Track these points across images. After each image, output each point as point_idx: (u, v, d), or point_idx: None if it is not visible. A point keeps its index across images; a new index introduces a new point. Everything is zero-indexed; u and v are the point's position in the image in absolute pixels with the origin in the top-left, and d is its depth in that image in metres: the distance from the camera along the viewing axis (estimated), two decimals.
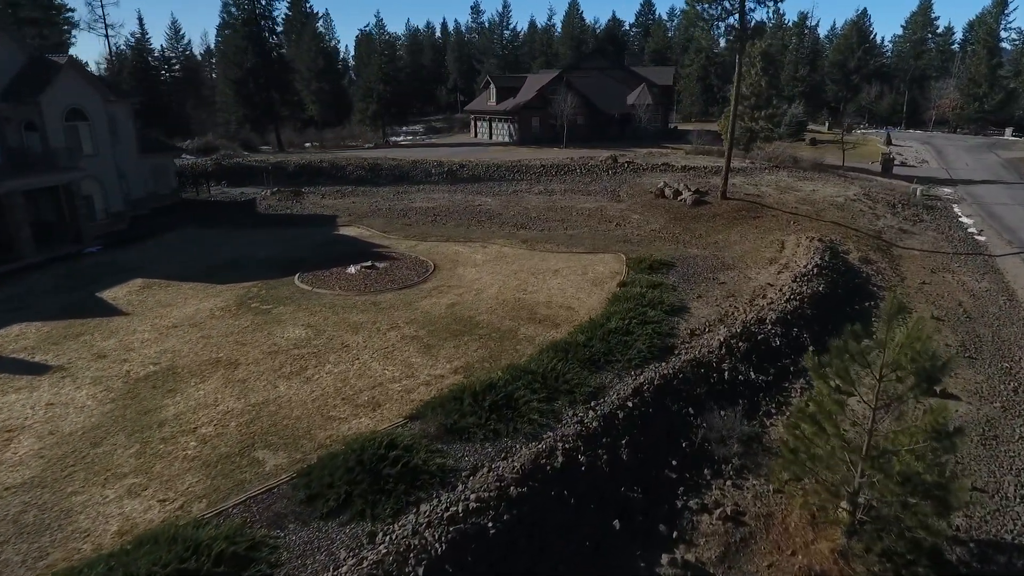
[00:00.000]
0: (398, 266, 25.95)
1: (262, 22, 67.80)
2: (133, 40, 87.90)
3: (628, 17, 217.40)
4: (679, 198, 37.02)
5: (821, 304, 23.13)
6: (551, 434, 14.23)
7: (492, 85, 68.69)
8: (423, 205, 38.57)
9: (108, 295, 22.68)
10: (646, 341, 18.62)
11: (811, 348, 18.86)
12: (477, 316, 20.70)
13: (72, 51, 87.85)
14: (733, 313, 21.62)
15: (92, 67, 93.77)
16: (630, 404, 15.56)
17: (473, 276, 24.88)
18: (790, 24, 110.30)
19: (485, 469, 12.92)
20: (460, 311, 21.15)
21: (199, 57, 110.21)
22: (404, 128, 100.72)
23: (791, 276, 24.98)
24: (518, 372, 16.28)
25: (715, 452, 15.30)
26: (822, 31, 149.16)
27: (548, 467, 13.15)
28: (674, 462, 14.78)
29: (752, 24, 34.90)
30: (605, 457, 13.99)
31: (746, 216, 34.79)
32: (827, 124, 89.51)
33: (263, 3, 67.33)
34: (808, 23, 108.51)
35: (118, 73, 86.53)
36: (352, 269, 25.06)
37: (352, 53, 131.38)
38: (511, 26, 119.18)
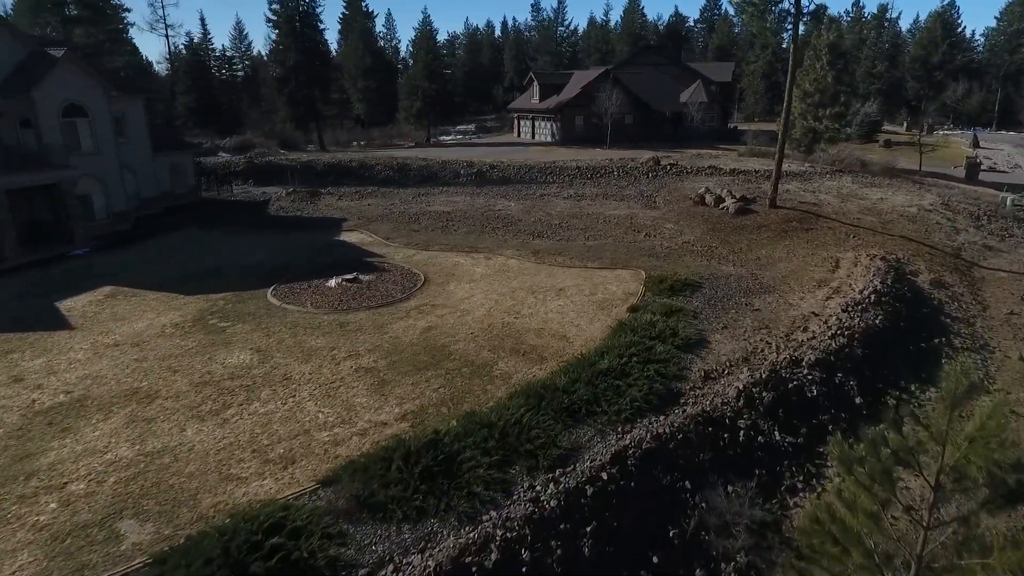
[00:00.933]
0: (385, 279, 23.28)
1: (304, 19, 66.95)
2: (189, 40, 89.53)
3: (692, 13, 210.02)
4: (721, 206, 32.94)
5: (876, 341, 18.98)
6: (493, 515, 11.11)
7: (535, 82, 65.57)
8: (440, 209, 35.91)
9: (66, 305, 20.96)
10: (644, 386, 15.18)
11: (842, 427, 15.01)
12: (452, 344, 17.74)
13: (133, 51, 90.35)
14: (762, 350, 17.83)
15: (156, 67, 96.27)
16: (606, 475, 12.24)
17: (464, 293, 21.93)
18: (868, 17, 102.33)
19: (390, 567, 9.94)
20: (435, 337, 18.23)
21: (264, 57, 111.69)
22: (457, 127, 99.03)
23: (842, 304, 20.85)
24: (474, 424, 13.23)
25: (714, 545, 11.81)
26: (904, 24, 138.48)
27: (475, 567, 10.05)
28: (655, 559, 11.38)
29: (811, 7, 30.42)
30: (559, 552, 10.76)
31: (797, 228, 30.42)
32: (904, 124, 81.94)
33: (306, 0, 66.49)
34: (888, 15, 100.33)
35: (174, 73, 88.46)
36: (332, 282, 22.56)
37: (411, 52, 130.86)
38: (566, 23, 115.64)
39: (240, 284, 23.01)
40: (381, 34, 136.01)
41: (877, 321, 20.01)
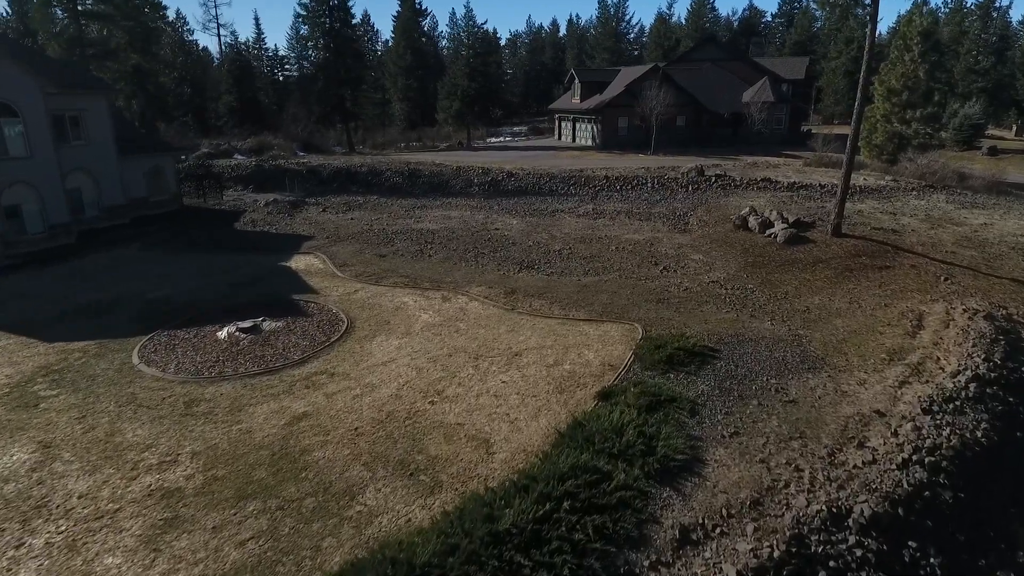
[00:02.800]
0: (295, 328, 17.97)
1: (335, 13, 63.23)
2: (233, 39, 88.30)
3: (770, 7, 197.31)
4: (767, 232, 25.90)
5: (978, 472, 12.08)
6: None
7: (576, 80, 59.28)
8: (427, 227, 30.46)
9: None
10: (561, 571, 9.10)
11: None
12: (317, 450, 12.18)
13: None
14: (788, 485, 11.34)
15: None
16: None
17: (384, 355, 16.34)
18: (971, 5, 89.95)
19: None
20: (300, 435, 12.72)
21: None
22: (514, 128, 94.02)
23: (923, 397, 13.97)
24: None
25: None
26: (1015, 14, 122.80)
27: None
28: None
29: None
30: None
31: (866, 265, 23.14)
32: (1014, 128, 70.39)
33: None
34: (996, 4, 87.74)
35: (218, 71, 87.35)
36: (224, 332, 17.44)
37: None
38: (628, 18, 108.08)
39: (121, 327, 18.29)
40: (444, 33, 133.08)
41: (979, 433, 13.05)
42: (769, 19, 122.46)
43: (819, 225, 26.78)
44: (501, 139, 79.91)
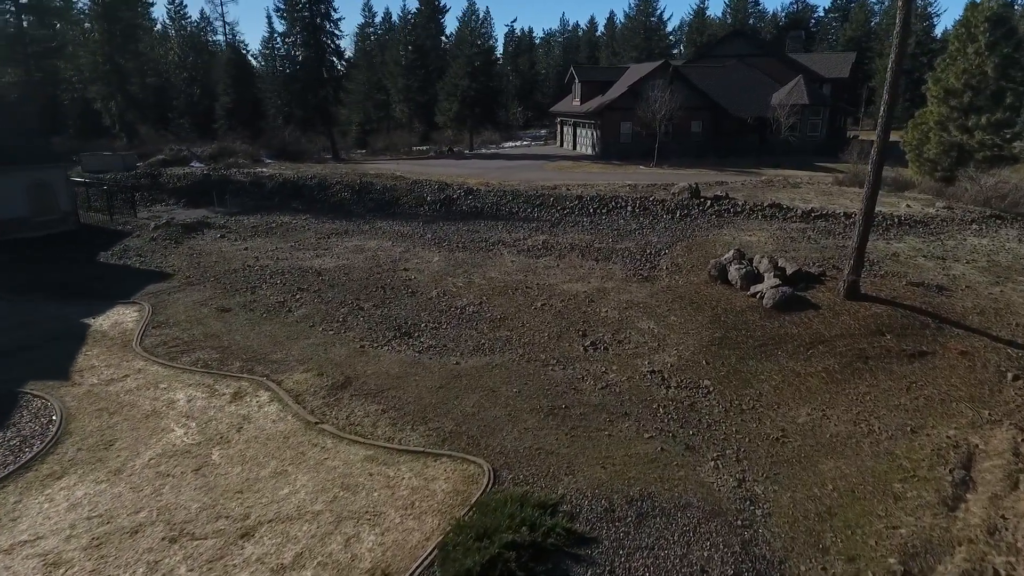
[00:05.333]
0: None
1: (315, 6, 57.65)
2: (231, 37, 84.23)
3: (823, 0, 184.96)
4: (753, 290, 18.29)
5: None
6: None
7: (576, 80, 51.98)
8: (324, 263, 24.00)
9: None
10: None
11: None
12: None
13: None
14: None
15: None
16: None
17: (39, 521, 9.95)
18: None
19: None
20: None
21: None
22: (540, 131, 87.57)
23: None
24: None
25: None
26: None
27: None
28: None
29: None
30: None
31: (891, 350, 15.43)
32: None
33: None
34: None
35: (205, 71, 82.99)
36: None
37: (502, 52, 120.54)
38: (658, 13, 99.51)
39: None
40: (480, 32, 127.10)
41: None
42: (821, 14, 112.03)
43: (830, 279, 19.03)
44: (519, 143, 73.29)
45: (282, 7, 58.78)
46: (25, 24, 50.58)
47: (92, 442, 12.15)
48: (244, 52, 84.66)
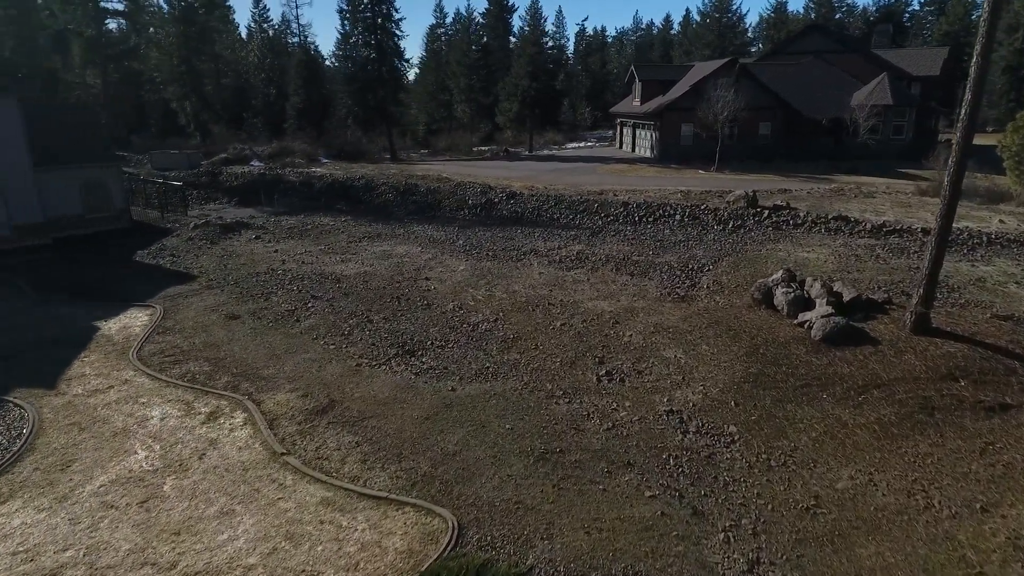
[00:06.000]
0: None
1: (378, 7, 57.77)
2: (302, 39, 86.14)
3: None
4: (801, 318, 15.94)
5: None
6: None
7: (636, 79, 49.58)
8: (348, 269, 23.21)
9: None
10: None
11: None
12: None
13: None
14: None
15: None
16: None
17: None
18: None
19: None
20: None
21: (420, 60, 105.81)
22: (596, 133, 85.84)
23: None
24: None
25: None
26: None
27: None
28: None
29: None
30: None
31: (964, 401, 12.84)
32: None
33: None
34: None
35: (281, 72, 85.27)
36: None
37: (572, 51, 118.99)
38: (734, 9, 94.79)
39: None
40: (550, 32, 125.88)
41: None
42: (916, 7, 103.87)
43: (896, 308, 16.40)
44: (582, 144, 71.58)
45: (345, 8, 59.26)
46: (114, 27, 52.93)
47: (51, 462, 11.50)
48: (314, 53, 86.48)
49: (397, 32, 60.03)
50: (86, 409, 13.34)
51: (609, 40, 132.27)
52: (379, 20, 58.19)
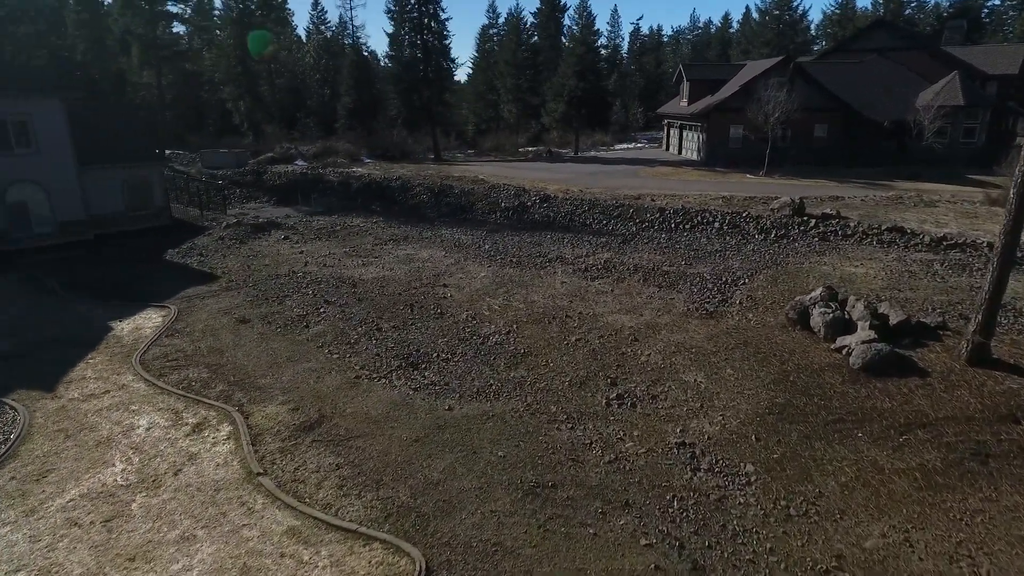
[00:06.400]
0: None
1: (424, 7, 57.65)
2: (353, 39, 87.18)
3: None
4: (839, 343, 14.37)
5: None
6: None
7: (684, 78, 47.70)
8: (368, 273, 22.73)
9: None
10: None
11: None
12: None
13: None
14: None
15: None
16: None
17: None
18: None
19: None
20: None
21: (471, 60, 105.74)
22: (648, 134, 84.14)
23: None
24: None
25: None
26: None
27: None
28: None
29: None
30: None
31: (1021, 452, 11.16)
32: None
33: None
34: None
35: (335, 72, 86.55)
36: None
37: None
38: (795, 6, 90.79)
39: None
40: (605, 31, 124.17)
41: None
42: (998, 1, 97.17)
43: (951, 334, 14.62)
44: (632, 145, 70.02)
45: (393, 8, 59.42)
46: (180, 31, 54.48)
47: (29, 471, 11.23)
48: (367, 54, 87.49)
49: (444, 32, 59.86)
50: (77, 415, 13.10)
51: (665, 39, 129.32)
52: (425, 20, 58.10)
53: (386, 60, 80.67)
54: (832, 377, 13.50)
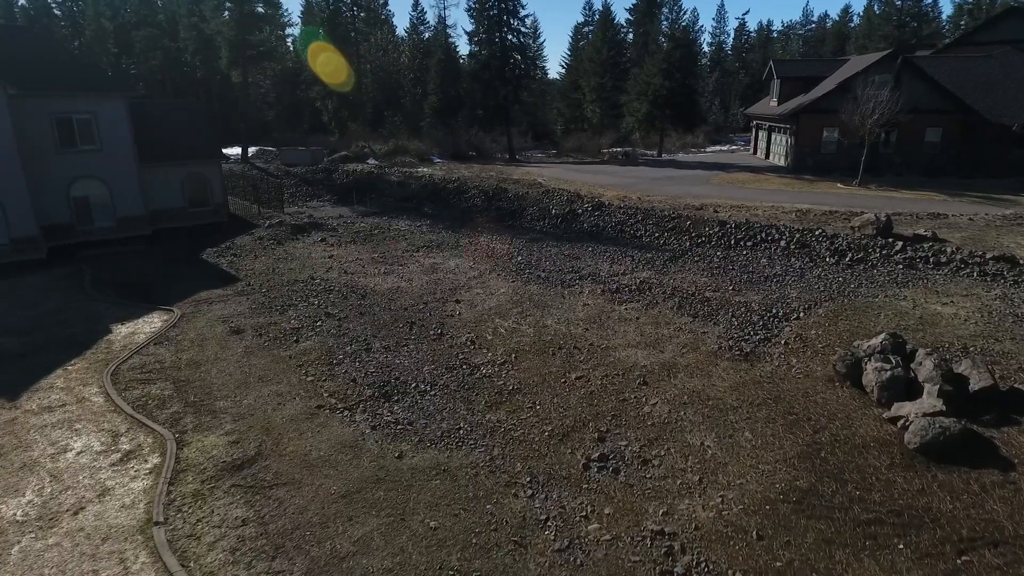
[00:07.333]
0: None
1: (503, 3, 56.27)
2: (444, 36, 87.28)
3: None
4: (895, 410, 11.22)
5: None
6: None
7: (775, 76, 43.28)
8: (385, 283, 21.42)
9: None
10: None
11: None
12: None
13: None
14: None
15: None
16: None
17: None
18: None
19: None
20: None
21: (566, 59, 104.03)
22: (745, 136, 79.00)
23: None
24: None
25: None
26: None
27: None
28: None
29: None
30: None
31: None
32: None
33: None
34: None
35: (426, 71, 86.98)
36: None
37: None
38: None
39: None
40: (709, 28, 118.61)
41: None
42: None
43: None
44: (725, 147, 65.75)
45: (473, 5, 58.49)
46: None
47: None
48: (455, 53, 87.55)
49: (522, 29, 58.29)
50: (21, 430, 12.46)
51: (775, 35, 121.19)
52: (505, 17, 56.72)
53: (467, 59, 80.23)
54: (877, 458, 10.50)
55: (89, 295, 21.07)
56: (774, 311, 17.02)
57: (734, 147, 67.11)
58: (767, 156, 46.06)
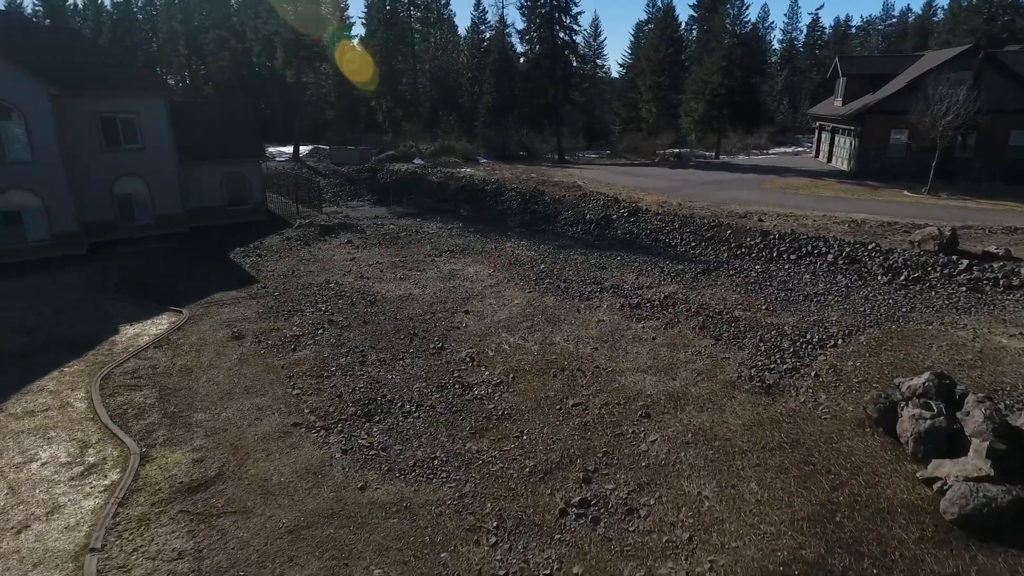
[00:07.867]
0: None
1: (556, 0, 54.97)
2: (501, 35, 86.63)
3: None
4: (932, 468, 9.49)
5: None
6: None
7: (840, 73, 40.26)
8: (401, 289, 20.70)
9: None
10: None
11: None
12: None
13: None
14: None
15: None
16: None
17: None
18: None
19: None
20: None
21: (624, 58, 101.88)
22: (809, 137, 75.28)
23: None
24: None
25: None
26: None
27: None
28: None
29: None
30: None
31: None
32: None
33: None
34: None
35: (479, 67, 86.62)
36: None
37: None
38: None
39: None
40: (780, 24, 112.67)
41: None
42: None
43: None
44: (789, 149, 62.57)
45: (525, 3, 57.43)
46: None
47: None
48: (511, 53, 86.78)
49: (574, 27, 56.83)
50: None
51: (852, 31, 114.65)
52: (557, 14, 55.41)
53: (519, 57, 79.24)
54: (905, 528, 8.83)
55: (106, 294, 21.25)
56: (808, 336, 15.23)
57: (800, 149, 63.53)
58: (829, 159, 43.00)
